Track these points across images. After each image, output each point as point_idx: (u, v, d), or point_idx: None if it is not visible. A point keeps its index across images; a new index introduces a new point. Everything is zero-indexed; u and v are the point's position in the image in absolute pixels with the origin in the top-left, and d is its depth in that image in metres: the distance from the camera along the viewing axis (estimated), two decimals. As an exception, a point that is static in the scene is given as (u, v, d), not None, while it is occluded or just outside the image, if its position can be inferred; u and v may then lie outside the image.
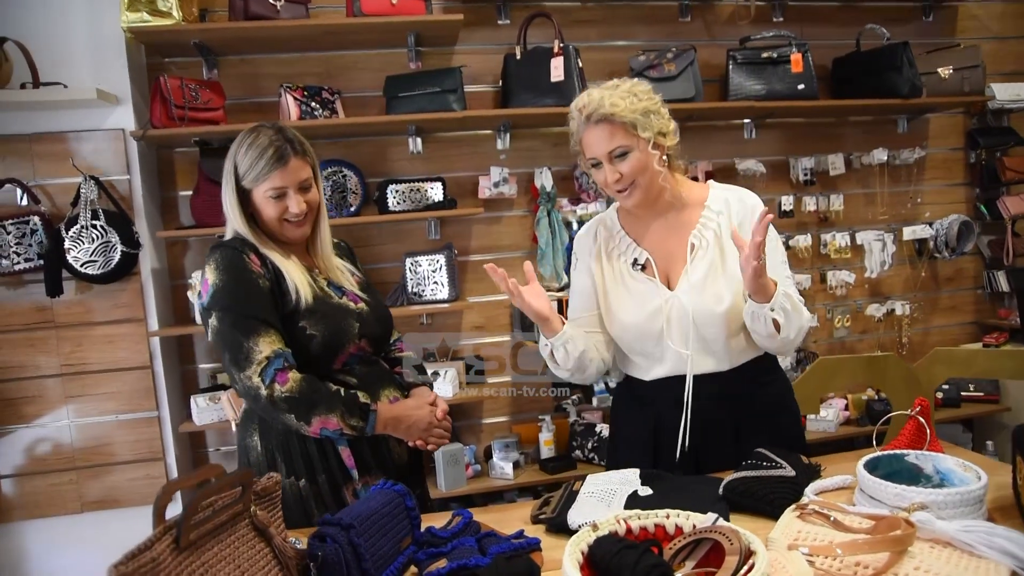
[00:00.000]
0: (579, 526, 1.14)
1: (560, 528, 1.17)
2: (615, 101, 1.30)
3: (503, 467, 2.60)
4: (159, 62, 2.50)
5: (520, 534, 1.11)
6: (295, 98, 2.34)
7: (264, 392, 1.23)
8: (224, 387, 2.43)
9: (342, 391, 1.30)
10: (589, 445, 2.71)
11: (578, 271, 1.52)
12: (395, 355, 1.54)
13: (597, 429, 2.70)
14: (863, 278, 3.05)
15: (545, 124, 2.75)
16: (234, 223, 1.36)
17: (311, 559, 0.91)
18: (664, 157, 1.37)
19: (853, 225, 3.06)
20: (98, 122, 2.31)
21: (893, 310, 3.09)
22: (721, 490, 1.20)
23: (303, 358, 1.31)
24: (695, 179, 2.90)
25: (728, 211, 1.41)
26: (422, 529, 1.11)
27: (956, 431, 3.05)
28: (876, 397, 2.91)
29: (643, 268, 1.43)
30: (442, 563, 0.98)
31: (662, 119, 1.35)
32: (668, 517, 1.00)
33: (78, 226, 2.19)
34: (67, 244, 2.19)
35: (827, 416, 2.81)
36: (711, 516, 0.97)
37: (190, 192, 2.51)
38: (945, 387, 2.93)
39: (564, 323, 1.39)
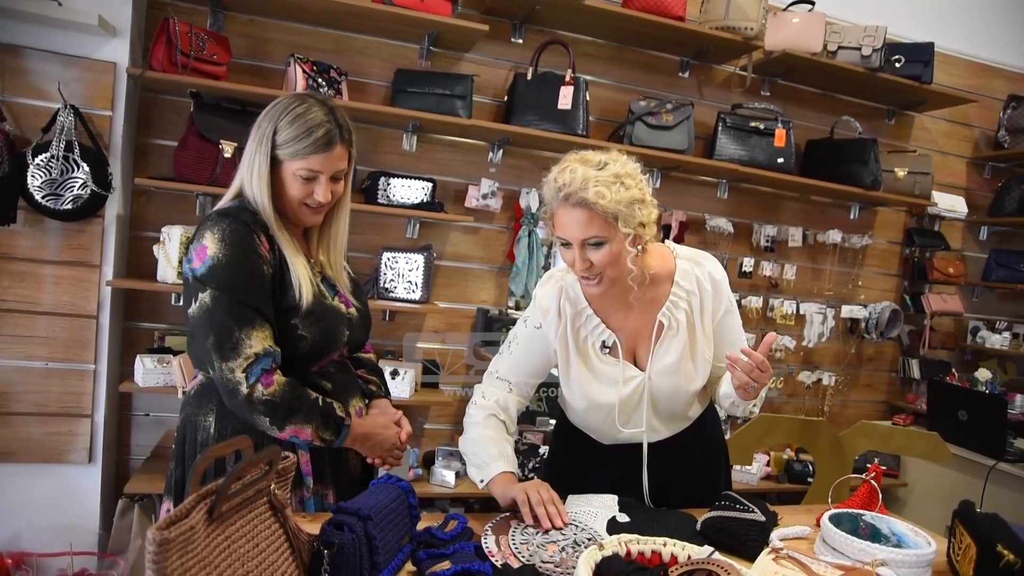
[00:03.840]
0: (569, 544, 1.17)
1: (547, 544, 1.19)
2: (601, 190, 1.18)
3: (445, 475, 2.59)
4: (161, 1, 2.38)
5: (513, 545, 1.13)
6: (304, 71, 2.28)
7: (244, 390, 1.16)
8: (171, 351, 2.29)
9: (320, 401, 1.25)
10: (530, 465, 2.74)
11: (535, 337, 1.41)
12: (360, 355, 1.49)
13: (540, 451, 2.74)
14: (801, 345, 3.27)
15: (541, 147, 2.81)
16: (256, 193, 1.25)
17: (326, 546, 0.89)
18: (640, 247, 1.28)
19: (799, 295, 3.29)
20: (89, 50, 2.15)
21: (821, 379, 3.33)
22: (699, 526, 1.27)
23: (286, 357, 1.24)
24: (666, 228, 3.07)
25: (698, 290, 1.37)
26: (419, 528, 1.11)
27: (857, 498, 3.30)
28: (795, 458, 3.11)
29: (610, 351, 1.38)
30: (446, 565, 0.99)
31: (645, 207, 1.24)
32: (665, 545, 1.05)
33: (47, 155, 2.03)
34: (30, 171, 2.02)
35: (752, 469, 2.98)
36: (707, 549, 1.03)
37: (166, 141, 2.38)
38: (856, 457, 3.17)
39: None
